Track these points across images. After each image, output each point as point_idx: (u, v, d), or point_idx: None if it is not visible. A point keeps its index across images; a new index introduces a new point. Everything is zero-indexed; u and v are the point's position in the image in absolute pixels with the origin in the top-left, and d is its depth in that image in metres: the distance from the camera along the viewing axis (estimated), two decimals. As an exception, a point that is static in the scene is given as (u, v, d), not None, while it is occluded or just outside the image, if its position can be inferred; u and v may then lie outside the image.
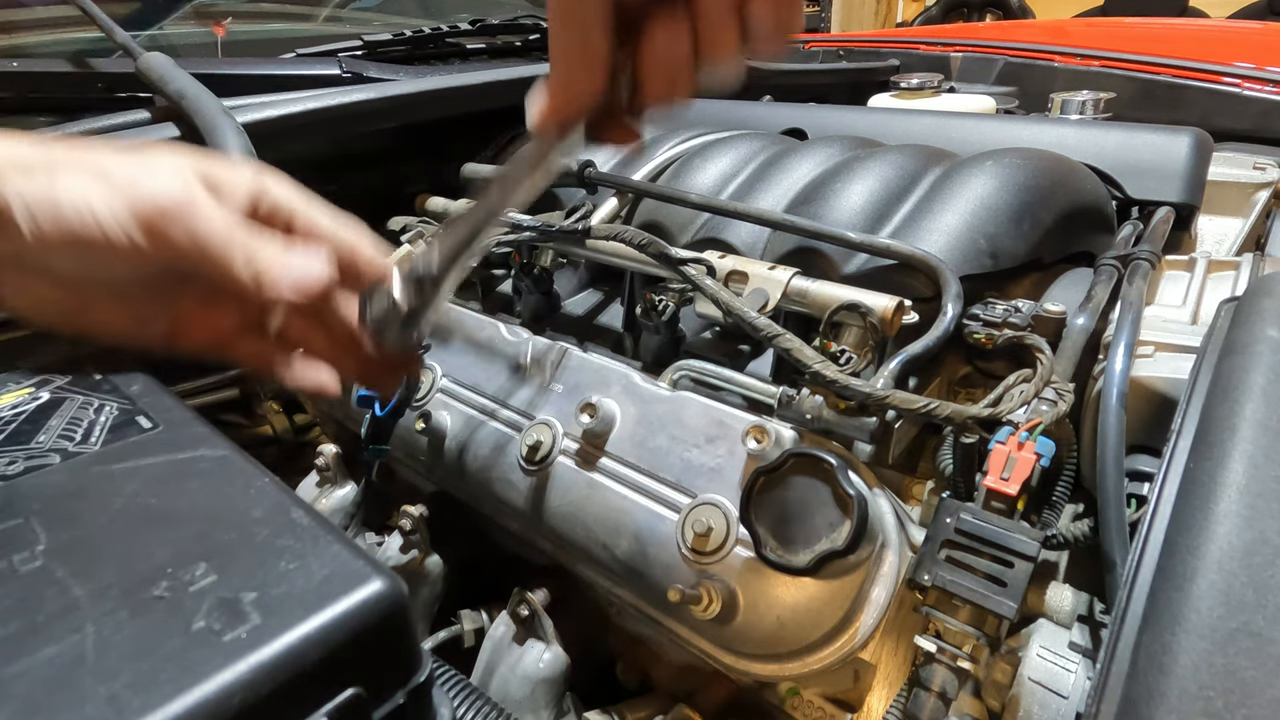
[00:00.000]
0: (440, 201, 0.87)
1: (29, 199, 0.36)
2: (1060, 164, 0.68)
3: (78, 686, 0.21)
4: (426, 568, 0.70)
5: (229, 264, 0.38)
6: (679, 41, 0.33)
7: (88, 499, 0.29)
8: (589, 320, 0.77)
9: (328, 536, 0.27)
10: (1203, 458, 0.34)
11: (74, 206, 0.36)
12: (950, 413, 0.48)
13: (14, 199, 0.36)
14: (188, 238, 0.37)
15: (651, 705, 0.63)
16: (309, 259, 0.40)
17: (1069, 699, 0.42)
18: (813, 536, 0.48)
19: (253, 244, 0.39)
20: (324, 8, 1.30)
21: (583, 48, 0.34)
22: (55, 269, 0.38)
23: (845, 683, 0.54)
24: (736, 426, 0.56)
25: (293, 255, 0.40)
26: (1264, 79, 1.10)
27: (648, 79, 0.35)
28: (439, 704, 0.28)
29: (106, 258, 0.37)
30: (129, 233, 0.36)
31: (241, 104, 0.74)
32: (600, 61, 0.34)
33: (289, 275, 0.39)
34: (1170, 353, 0.53)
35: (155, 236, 0.37)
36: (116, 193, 0.36)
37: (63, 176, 0.37)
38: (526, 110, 0.37)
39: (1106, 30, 1.69)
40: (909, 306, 0.55)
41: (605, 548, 0.58)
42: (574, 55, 0.34)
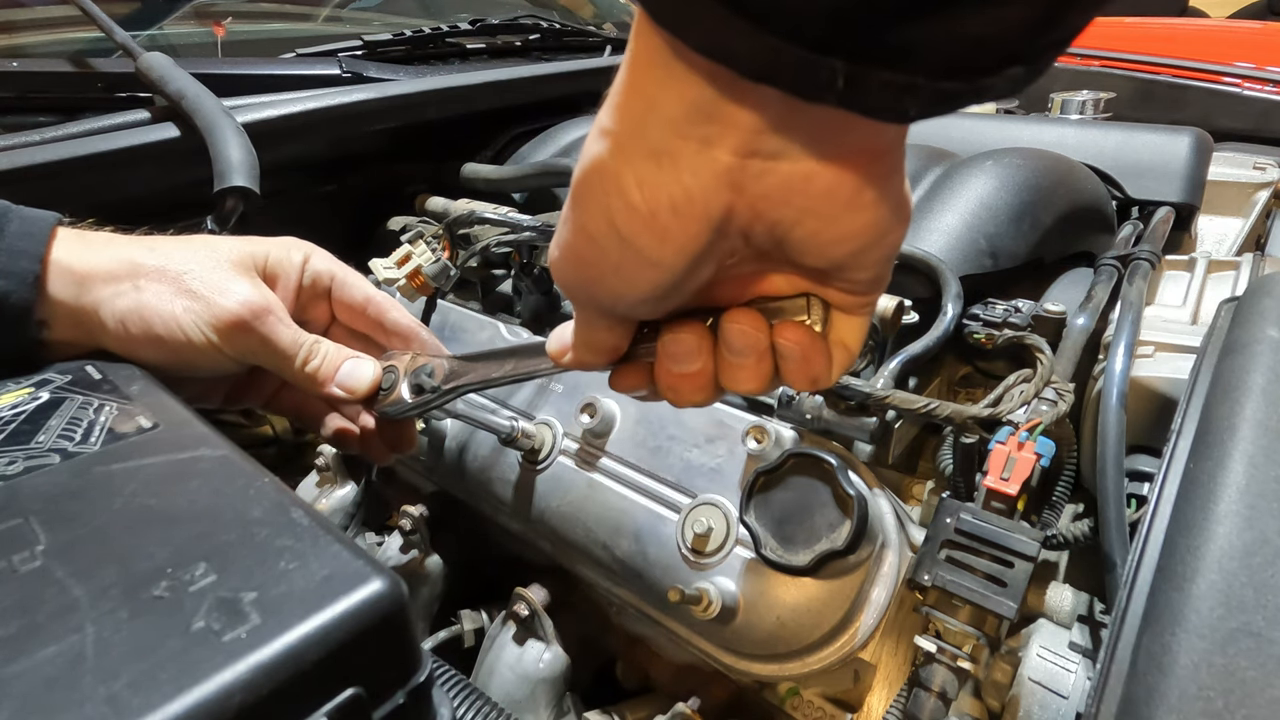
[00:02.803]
0: (440, 201, 0.87)
1: (117, 308, 0.40)
2: (1060, 164, 0.68)
3: (78, 686, 0.21)
4: (426, 568, 0.70)
5: (290, 363, 0.44)
6: (688, 355, 0.32)
7: (88, 499, 0.29)
8: (589, 320, 0.77)
9: (328, 536, 0.27)
10: (1203, 458, 0.34)
11: (160, 317, 0.40)
12: (950, 413, 0.48)
13: (104, 307, 0.40)
14: (260, 344, 0.43)
15: (651, 705, 0.63)
16: (359, 364, 0.47)
17: (1069, 699, 0.42)
18: (813, 536, 0.48)
19: (310, 346, 0.45)
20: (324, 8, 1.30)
21: (588, 340, 0.34)
22: (139, 360, 0.42)
23: (845, 683, 0.54)
24: (736, 426, 0.56)
25: (342, 357, 0.46)
26: (1264, 79, 1.10)
27: (660, 378, 0.34)
28: (439, 704, 0.28)
29: (188, 357, 0.42)
30: (210, 338, 0.41)
31: (241, 104, 0.74)
32: (604, 355, 0.34)
33: (340, 378, 0.46)
34: (1170, 353, 0.53)
35: (233, 342, 0.42)
36: (201, 305, 0.41)
37: (148, 288, 0.41)
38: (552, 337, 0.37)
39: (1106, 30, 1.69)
40: (909, 306, 0.55)
41: (605, 548, 0.58)
42: (582, 340, 0.34)
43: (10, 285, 0.38)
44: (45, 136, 0.67)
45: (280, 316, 0.44)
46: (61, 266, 0.40)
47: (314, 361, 0.45)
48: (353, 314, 0.50)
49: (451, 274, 0.77)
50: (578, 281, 0.30)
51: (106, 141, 0.67)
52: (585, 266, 0.29)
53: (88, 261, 0.41)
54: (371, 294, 0.50)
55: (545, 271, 0.75)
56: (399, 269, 0.75)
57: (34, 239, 0.39)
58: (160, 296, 0.41)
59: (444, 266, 0.77)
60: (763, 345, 0.31)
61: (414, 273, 0.75)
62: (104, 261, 0.41)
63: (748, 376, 0.32)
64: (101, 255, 0.41)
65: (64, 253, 0.40)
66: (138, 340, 0.41)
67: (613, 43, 1.25)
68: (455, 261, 0.77)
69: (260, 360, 0.44)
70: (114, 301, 0.40)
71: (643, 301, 0.29)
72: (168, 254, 0.42)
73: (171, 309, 0.41)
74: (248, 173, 0.65)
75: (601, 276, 0.28)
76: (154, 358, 0.42)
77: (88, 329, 0.41)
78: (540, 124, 1.00)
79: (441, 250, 0.78)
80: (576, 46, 1.22)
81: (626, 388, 0.36)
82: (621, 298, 0.29)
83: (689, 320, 0.32)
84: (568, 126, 0.96)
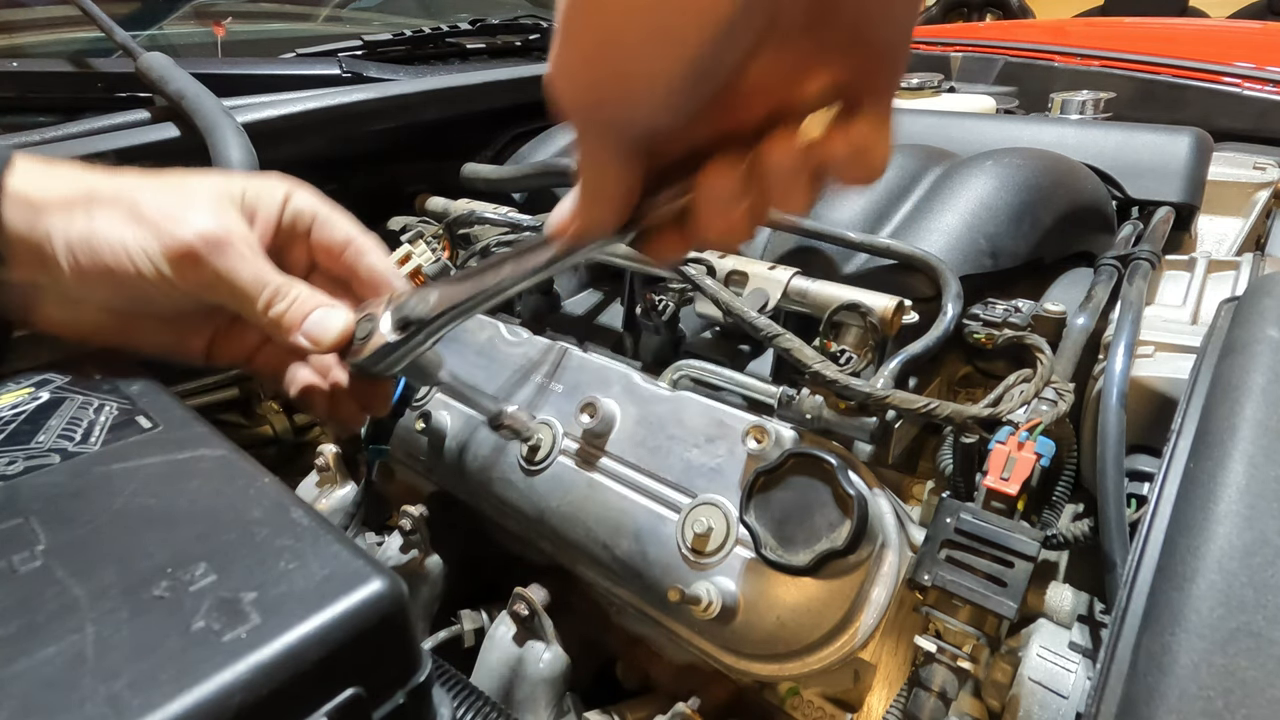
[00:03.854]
0: (440, 201, 0.87)
1: (69, 237, 0.37)
2: (1060, 164, 0.68)
3: (78, 686, 0.21)
4: (426, 568, 0.70)
5: (251, 304, 0.40)
6: (734, 195, 0.30)
7: (88, 499, 0.29)
8: (589, 320, 0.77)
9: (328, 536, 0.27)
10: (1203, 458, 0.34)
11: (109, 245, 0.37)
12: (950, 413, 0.48)
13: (56, 236, 0.37)
14: (215, 277, 0.39)
15: (651, 705, 0.63)
16: (330, 314, 0.42)
17: (1069, 699, 0.42)
18: (813, 536, 0.48)
19: (277, 287, 0.40)
20: (324, 8, 1.30)
21: (597, 185, 0.31)
22: (96, 298, 0.39)
23: (845, 683, 0.54)
24: (736, 426, 0.56)
25: (314, 304, 0.41)
26: (1264, 79, 1.10)
27: (702, 222, 0.32)
28: (439, 704, 0.28)
29: (141, 291, 0.39)
30: (160, 269, 0.38)
31: (241, 104, 0.74)
32: (617, 201, 0.31)
33: (307, 326, 0.41)
34: (1170, 353, 0.53)
35: (184, 274, 0.38)
36: (150, 232, 0.38)
37: (100, 214, 0.38)
38: (551, 215, 0.34)
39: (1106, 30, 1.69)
40: (909, 306, 0.55)
41: (605, 548, 0.58)
42: (590, 190, 0.31)
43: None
44: (45, 136, 0.67)
45: (242, 251, 0.39)
46: (17, 195, 0.38)
47: (279, 304, 0.40)
48: (331, 256, 0.45)
49: (451, 274, 0.77)
50: (585, 86, 0.26)
51: (106, 141, 0.67)
52: (594, 65, 0.25)
53: (45, 189, 0.38)
54: (354, 235, 0.45)
55: (545, 271, 0.75)
56: (399, 269, 0.75)
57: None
58: (110, 222, 0.38)
59: (444, 266, 0.77)
60: (812, 160, 0.29)
61: (414, 272, 0.75)
62: (60, 188, 0.38)
63: (791, 199, 0.30)
64: (59, 182, 0.39)
65: (22, 181, 0.38)
66: (88, 273, 0.38)
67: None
68: (455, 261, 0.77)
69: (219, 298, 0.40)
70: (66, 229, 0.38)
71: (667, 98, 0.26)
72: (128, 181, 0.39)
73: (121, 236, 0.38)
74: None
75: (615, 76, 0.25)
76: (106, 294, 0.39)
77: (43, 262, 0.38)
78: (540, 124, 1.00)
79: (441, 250, 0.78)
80: (576, 46, 1.22)
81: (668, 252, 0.33)
82: (639, 100, 0.26)
83: (724, 156, 0.29)
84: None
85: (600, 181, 0.31)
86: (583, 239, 0.34)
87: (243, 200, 0.42)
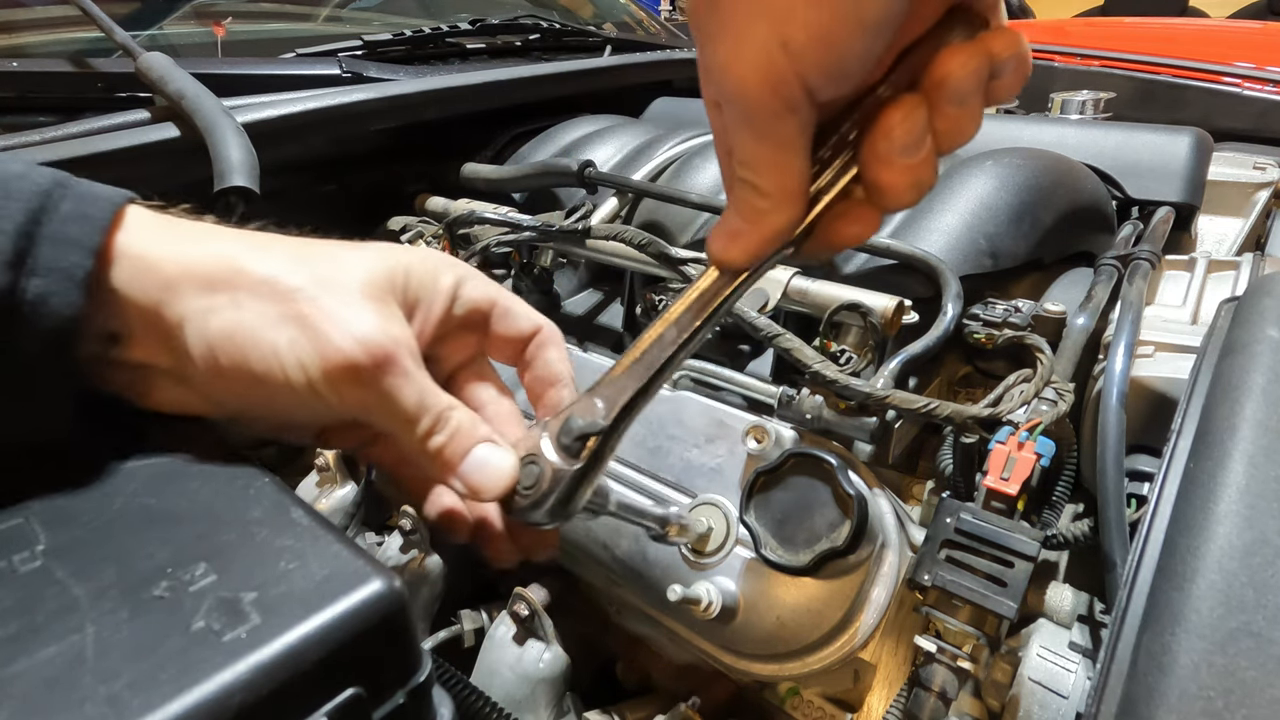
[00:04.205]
0: (440, 201, 0.87)
1: (209, 331, 0.31)
2: (1060, 164, 0.68)
3: (78, 686, 0.21)
4: (426, 568, 0.70)
5: (409, 430, 0.33)
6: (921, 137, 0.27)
7: (88, 499, 0.29)
8: (589, 320, 0.77)
9: (328, 536, 0.27)
10: (1203, 458, 0.34)
11: (259, 350, 0.31)
12: (950, 413, 0.48)
13: (192, 325, 0.30)
14: (375, 398, 0.32)
15: (651, 705, 0.63)
16: (494, 455, 0.34)
17: (1069, 699, 0.42)
18: (813, 536, 0.48)
19: (439, 414, 0.34)
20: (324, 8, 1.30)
21: (779, 184, 0.28)
22: (226, 399, 0.33)
23: (845, 683, 0.54)
24: (736, 426, 0.56)
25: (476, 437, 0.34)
26: (1264, 79, 1.10)
27: (888, 181, 0.28)
28: (439, 704, 0.28)
29: (284, 400, 0.32)
30: (314, 384, 0.31)
31: (241, 104, 0.74)
32: (804, 192, 0.28)
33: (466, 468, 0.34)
34: (1170, 353, 0.53)
35: (342, 392, 0.32)
36: (309, 338, 0.31)
37: (249, 307, 0.31)
38: (709, 244, 0.31)
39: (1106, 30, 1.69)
40: (909, 306, 0.55)
41: (605, 548, 0.58)
42: (772, 192, 0.28)
43: (50, 284, 0.27)
44: (45, 136, 0.67)
45: (407, 367, 0.33)
46: (141, 261, 0.30)
47: (439, 436, 0.34)
48: (510, 349, 0.39)
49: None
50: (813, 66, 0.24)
51: (106, 141, 0.67)
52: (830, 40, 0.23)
53: (178, 257, 0.31)
54: (540, 323, 0.39)
55: (545, 271, 0.76)
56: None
57: (90, 223, 0.29)
58: (263, 320, 0.31)
59: (444, 266, 0.76)
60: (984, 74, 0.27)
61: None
62: (198, 260, 0.31)
63: (972, 119, 0.28)
64: (195, 251, 0.31)
65: (144, 242, 0.30)
66: (227, 375, 0.31)
67: (613, 43, 1.25)
68: (455, 261, 0.77)
69: (373, 419, 0.33)
70: (205, 319, 0.30)
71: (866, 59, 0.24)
72: (280, 262, 0.32)
73: (274, 340, 0.31)
74: (248, 173, 0.65)
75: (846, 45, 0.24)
76: (239, 398, 0.32)
77: (171, 350, 0.31)
78: (540, 124, 1.00)
79: (441, 250, 0.78)
80: (576, 46, 1.22)
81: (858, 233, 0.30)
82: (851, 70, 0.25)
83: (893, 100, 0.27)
84: (568, 126, 0.96)
85: (782, 179, 0.28)
86: (765, 253, 0.30)
87: (405, 290, 0.35)
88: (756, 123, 0.26)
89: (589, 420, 0.32)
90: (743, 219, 0.29)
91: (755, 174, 0.28)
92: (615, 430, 0.33)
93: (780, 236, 0.30)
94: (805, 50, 0.24)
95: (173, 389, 0.33)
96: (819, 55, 0.24)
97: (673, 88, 1.23)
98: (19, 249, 0.27)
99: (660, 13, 4.73)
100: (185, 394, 0.33)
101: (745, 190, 0.29)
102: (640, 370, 0.33)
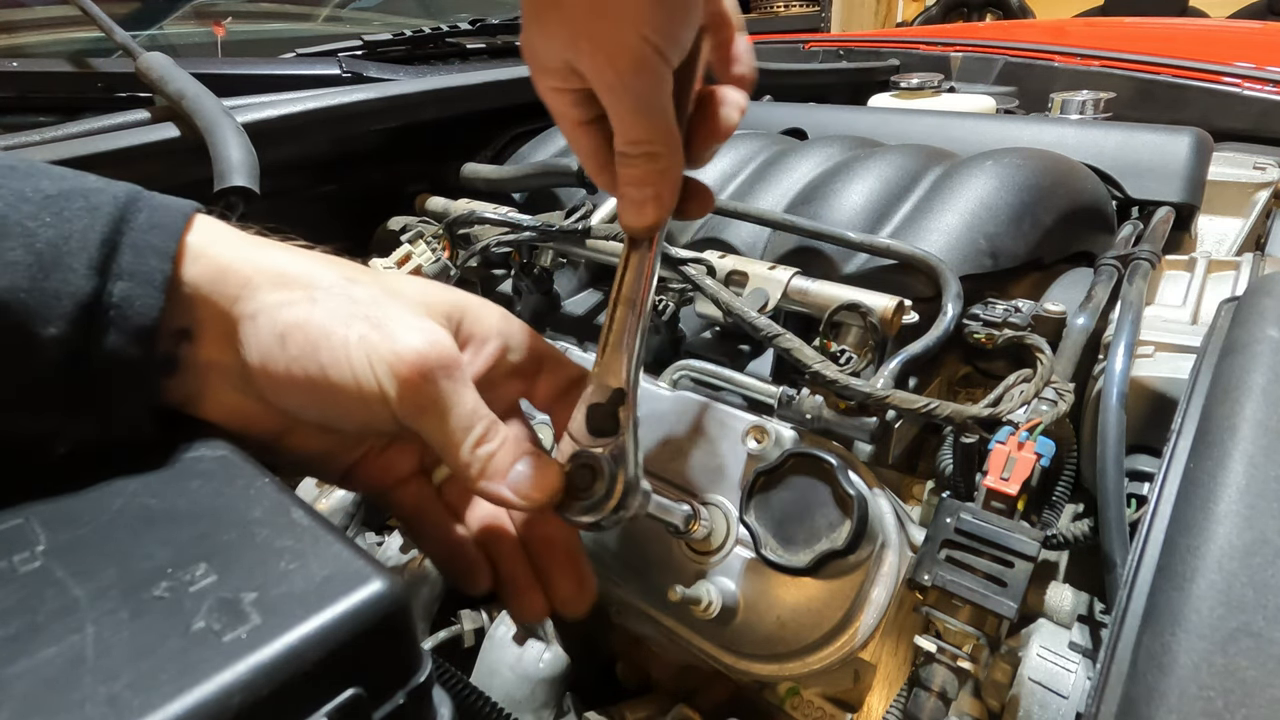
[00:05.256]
0: (440, 201, 0.87)
1: (282, 322, 0.31)
2: (1060, 164, 0.68)
3: (78, 686, 0.21)
4: (426, 568, 0.70)
5: (459, 438, 0.34)
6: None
7: (88, 499, 0.29)
8: (589, 320, 0.77)
9: (328, 536, 0.27)
10: (1203, 458, 0.34)
11: (330, 345, 0.31)
12: (950, 413, 0.48)
13: (264, 318, 0.31)
14: (434, 400, 0.33)
15: (651, 705, 0.63)
16: (540, 462, 0.35)
17: (1069, 699, 0.42)
18: (813, 536, 0.48)
19: (491, 423, 0.34)
20: (324, 8, 1.30)
21: (668, 136, 0.33)
22: (282, 400, 0.33)
23: (845, 683, 0.54)
24: (736, 426, 0.56)
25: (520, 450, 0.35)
26: (1264, 79, 1.10)
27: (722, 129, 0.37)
28: (439, 704, 0.28)
29: (341, 401, 0.32)
30: (380, 379, 0.32)
31: (241, 104, 0.74)
32: (680, 134, 0.35)
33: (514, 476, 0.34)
34: (1170, 353, 0.53)
35: (405, 390, 0.32)
36: (382, 336, 0.32)
37: (322, 302, 0.32)
38: (626, 222, 0.36)
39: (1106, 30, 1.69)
40: (909, 306, 0.55)
41: (605, 548, 0.58)
42: (664, 148, 0.33)
43: (134, 288, 0.29)
44: (45, 136, 0.67)
45: (466, 374, 0.34)
46: (215, 263, 0.32)
47: (490, 444, 0.34)
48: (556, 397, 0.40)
49: (451, 274, 0.77)
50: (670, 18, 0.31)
51: (106, 141, 0.67)
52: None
53: (251, 259, 0.32)
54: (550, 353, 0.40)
55: (545, 271, 0.75)
56: (399, 269, 0.75)
57: (165, 231, 0.31)
58: (336, 315, 0.32)
59: (444, 266, 0.77)
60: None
61: (414, 272, 0.75)
62: (271, 262, 0.33)
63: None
64: (267, 256, 0.33)
65: (216, 244, 0.32)
66: (292, 370, 0.32)
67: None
68: (455, 261, 0.77)
69: (426, 426, 0.34)
70: (278, 311, 0.31)
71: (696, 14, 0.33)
72: (349, 272, 0.34)
73: (345, 333, 0.31)
74: (248, 173, 0.65)
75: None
76: (300, 402, 0.33)
77: (241, 347, 0.32)
78: (540, 124, 1.00)
79: (441, 250, 0.78)
80: (576, 46, 1.22)
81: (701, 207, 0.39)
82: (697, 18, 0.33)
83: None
84: (568, 126, 0.96)
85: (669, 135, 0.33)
86: (675, 200, 0.36)
87: (460, 324, 0.37)
88: (640, 102, 0.32)
89: (608, 394, 0.35)
90: (649, 184, 0.35)
91: (650, 143, 0.33)
92: (633, 392, 0.35)
93: (680, 178, 0.36)
94: (660, 37, 0.31)
95: (231, 394, 0.34)
96: (668, 40, 0.31)
97: (673, 88, 1.23)
98: (104, 256, 0.29)
99: (660, 13, 4.72)
100: (243, 401, 0.34)
101: (641, 162, 0.34)
102: (621, 346, 0.36)
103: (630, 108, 0.33)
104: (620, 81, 0.32)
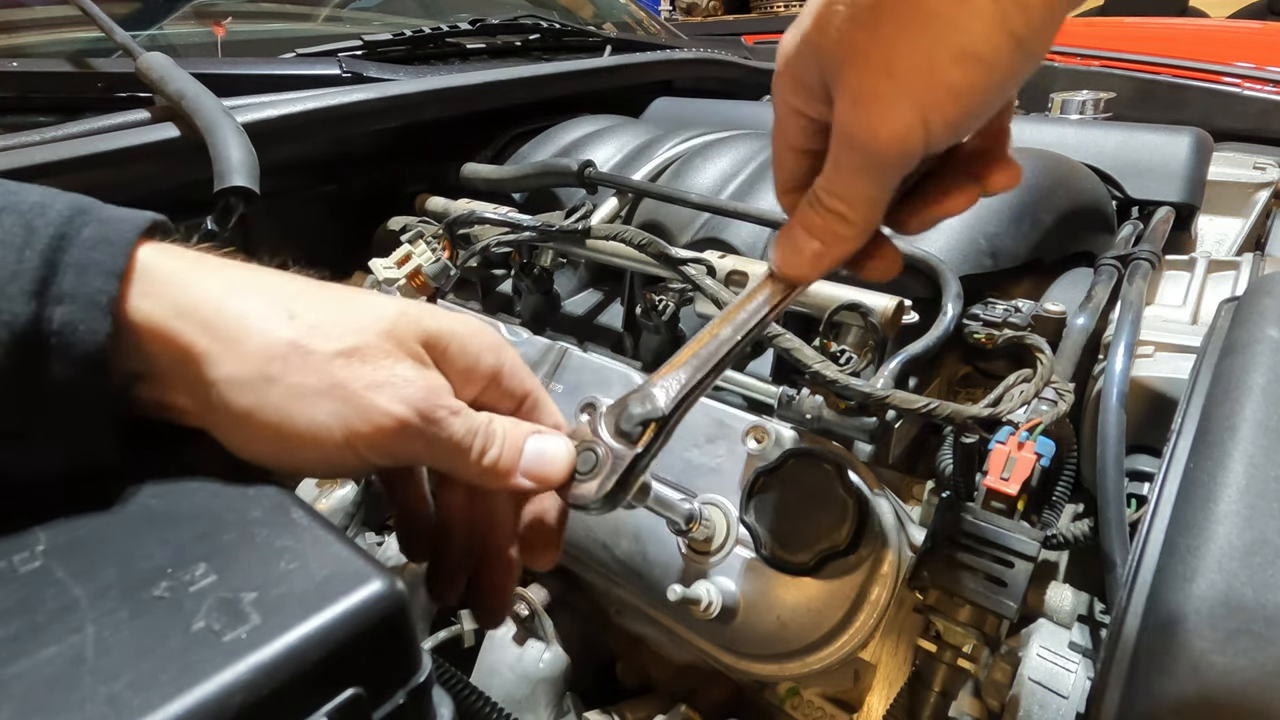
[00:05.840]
0: (440, 201, 0.87)
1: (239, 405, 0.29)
2: (1060, 164, 0.68)
3: (78, 686, 0.21)
4: (426, 568, 0.70)
5: (464, 459, 0.33)
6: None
7: (87, 499, 0.29)
8: (589, 320, 0.77)
9: (328, 536, 0.27)
10: (1203, 458, 0.34)
11: (295, 427, 0.30)
12: (950, 413, 0.48)
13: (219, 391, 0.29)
14: (427, 448, 0.32)
15: (651, 705, 0.63)
16: (548, 443, 0.34)
17: (1069, 699, 0.42)
18: (813, 536, 0.48)
19: (486, 432, 0.34)
20: (324, 8, 1.30)
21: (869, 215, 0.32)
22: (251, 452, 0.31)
23: (845, 683, 0.54)
24: (736, 426, 0.56)
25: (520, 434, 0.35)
26: (1264, 79, 1.10)
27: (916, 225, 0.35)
28: (439, 704, 0.28)
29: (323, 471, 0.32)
30: (359, 451, 0.31)
31: (241, 104, 0.74)
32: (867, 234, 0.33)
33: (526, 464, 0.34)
34: (1170, 353, 0.53)
35: (395, 455, 0.32)
36: (355, 411, 0.30)
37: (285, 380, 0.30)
38: (775, 255, 0.35)
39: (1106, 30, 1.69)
40: (909, 306, 0.55)
41: (605, 548, 0.58)
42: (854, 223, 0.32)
43: (76, 311, 0.27)
44: (45, 136, 0.67)
45: (450, 405, 0.33)
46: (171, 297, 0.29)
47: (493, 450, 0.34)
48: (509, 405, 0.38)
49: (451, 274, 0.77)
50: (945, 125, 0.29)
51: (106, 141, 0.67)
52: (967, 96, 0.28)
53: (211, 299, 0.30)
54: (535, 388, 0.38)
55: (545, 271, 0.75)
56: (399, 269, 0.75)
57: (112, 248, 0.28)
58: (298, 394, 0.30)
59: (444, 266, 0.77)
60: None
61: (414, 273, 0.75)
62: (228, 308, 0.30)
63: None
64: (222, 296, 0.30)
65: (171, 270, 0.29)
66: (259, 445, 0.31)
67: (613, 43, 1.25)
68: (455, 261, 0.77)
69: (424, 463, 0.34)
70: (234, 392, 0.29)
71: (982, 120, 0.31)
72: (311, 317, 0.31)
73: (311, 416, 0.30)
74: (248, 173, 0.65)
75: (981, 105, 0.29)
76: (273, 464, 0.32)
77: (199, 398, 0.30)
78: (540, 124, 1.00)
79: (441, 250, 0.78)
80: (576, 46, 1.22)
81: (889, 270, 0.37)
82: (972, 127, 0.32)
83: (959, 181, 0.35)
84: (568, 126, 0.96)
85: (870, 215, 0.32)
86: (828, 271, 0.35)
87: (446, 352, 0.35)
88: (873, 171, 0.31)
89: (649, 407, 0.34)
90: (820, 240, 0.34)
91: (848, 207, 0.32)
92: (673, 418, 0.34)
93: (836, 263, 0.34)
94: (938, 131, 0.29)
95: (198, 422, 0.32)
96: (945, 136, 0.30)
97: (673, 88, 1.23)
98: (42, 278, 0.26)
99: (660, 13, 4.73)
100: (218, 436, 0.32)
101: (829, 217, 0.33)
102: (696, 364, 0.35)
103: (857, 166, 0.31)
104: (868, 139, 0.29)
